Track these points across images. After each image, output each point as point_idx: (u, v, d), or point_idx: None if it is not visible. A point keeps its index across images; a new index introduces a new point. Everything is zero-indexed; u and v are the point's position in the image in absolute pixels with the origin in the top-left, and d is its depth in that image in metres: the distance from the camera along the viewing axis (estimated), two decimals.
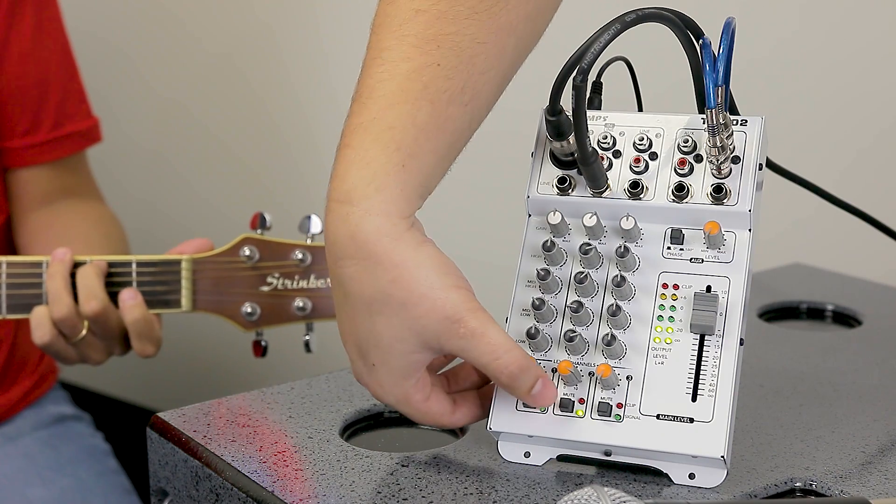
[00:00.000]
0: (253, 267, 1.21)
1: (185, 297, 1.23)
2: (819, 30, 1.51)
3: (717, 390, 0.79)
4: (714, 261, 0.82)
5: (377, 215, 0.76)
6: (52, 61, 1.47)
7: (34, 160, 1.45)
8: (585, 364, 0.82)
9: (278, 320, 1.22)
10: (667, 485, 0.81)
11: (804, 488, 0.82)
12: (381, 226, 0.76)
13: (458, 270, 0.79)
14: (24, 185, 1.46)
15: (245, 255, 1.21)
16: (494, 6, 0.80)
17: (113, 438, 1.55)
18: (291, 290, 1.22)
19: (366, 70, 0.80)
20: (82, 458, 1.45)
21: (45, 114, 1.45)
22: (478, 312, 0.78)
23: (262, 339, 1.24)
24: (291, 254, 1.21)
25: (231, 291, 1.23)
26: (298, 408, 0.95)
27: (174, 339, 2.12)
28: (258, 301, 1.22)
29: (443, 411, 0.83)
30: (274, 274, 1.22)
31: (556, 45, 0.89)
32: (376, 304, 0.77)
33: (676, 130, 0.84)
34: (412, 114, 0.78)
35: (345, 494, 0.81)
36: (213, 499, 0.86)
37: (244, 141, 1.99)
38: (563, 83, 0.79)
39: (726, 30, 0.80)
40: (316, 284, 1.21)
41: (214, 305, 1.23)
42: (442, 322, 0.77)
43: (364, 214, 0.76)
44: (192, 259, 1.22)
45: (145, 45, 2.06)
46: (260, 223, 1.23)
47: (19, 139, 1.44)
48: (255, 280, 1.22)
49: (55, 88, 1.47)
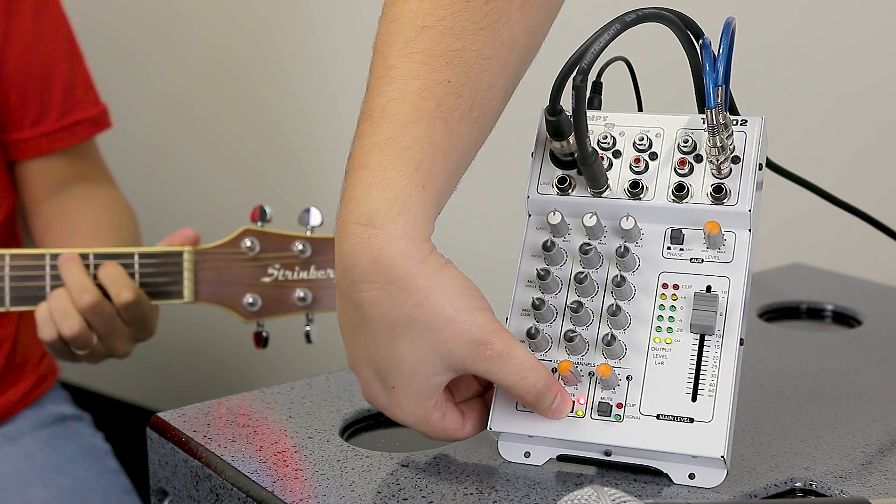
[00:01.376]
0: (254, 258, 1.22)
1: (187, 287, 1.24)
2: (819, 30, 1.51)
3: (717, 390, 0.79)
4: (714, 261, 0.82)
5: (401, 238, 0.76)
6: (56, 50, 1.47)
7: (44, 150, 1.45)
8: (585, 364, 0.82)
9: (279, 311, 1.23)
10: (667, 485, 0.81)
11: (804, 488, 0.82)
12: (405, 249, 0.76)
13: (479, 291, 0.79)
14: (36, 176, 1.46)
15: (246, 246, 1.22)
16: (497, 21, 0.80)
17: (113, 438, 1.55)
18: (292, 281, 1.22)
19: (373, 89, 0.79)
20: (82, 458, 1.45)
21: (52, 103, 1.46)
22: (502, 333, 0.78)
23: (263, 330, 1.25)
24: (292, 245, 1.22)
25: (232, 282, 1.23)
26: (298, 408, 0.95)
27: (174, 339, 2.12)
28: (259, 292, 1.23)
29: (456, 426, 0.83)
30: (275, 265, 1.23)
31: (556, 45, 0.89)
32: (400, 327, 0.76)
33: (676, 130, 0.84)
34: (428, 133, 0.77)
35: (345, 494, 0.81)
36: (213, 499, 0.86)
37: (244, 135, 2.00)
38: (563, 83, 0.79)
39: (726, 30, 0.80)
40: (316, 275, 1.22)
41: (216, 296, 1.24)
42: (469, 345, 0.77)
43: (388, 238, 0.76)
44: (193, 251, 1.24)
45: (145, 39, 2.06)
46: (260, 216, 1.24)
47: (28, 130, 1.44)
48: (256, 271, 1.23)
49: (60, 77, 1.47)
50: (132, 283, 1.22)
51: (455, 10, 0.79)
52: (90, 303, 1.20)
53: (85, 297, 1.20)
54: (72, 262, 1.22)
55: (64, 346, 1.24)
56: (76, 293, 1.21)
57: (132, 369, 2.18)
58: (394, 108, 0.78)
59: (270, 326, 1.26)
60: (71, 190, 1.46)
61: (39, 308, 1.24)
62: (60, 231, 1.42)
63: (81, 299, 1.20)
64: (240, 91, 1.98)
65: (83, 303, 1.20)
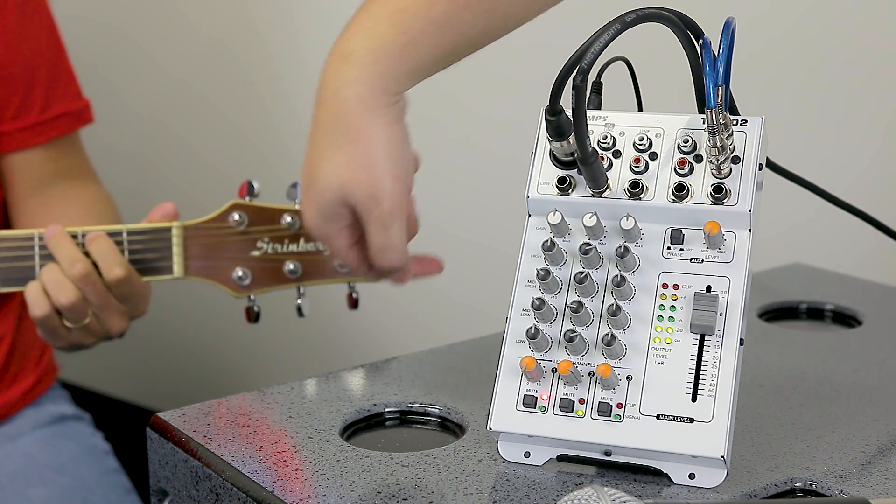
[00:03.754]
0: (243, 232, 1.22)
1: (176, 263, 1.24)
2: (819, 29, 1.51)
3: (717, 390, 0.79)
4: (714, 261, 0.82)
5: (363, 84, 0.85)
6: (40, 44, 1.46)
7: (25, 143, 1.45)
8: (585, 364, 0.82)
9: (269, 284, 1.23)
10: (667, 485, 0.81)
11: (804, 488, 0.82)
12: (361, 93, 0.85)
13: (409, 163, 0.89)
14: (19, 171, 1.46)
15: (234, 220, 1.22)
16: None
17: (113, 438, 1.55)
18: (282, 254, 1.22)
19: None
20: (82, 458, 1.45)
21: (35, 96, 1.45)
22: (396, 201, 0.88)
23: (254, 304, 1.24)
24: (280, 218, 1.22)
25: (222, 257, 1.23)
26: (298, 408, 0.95)
27: (175, 339, 2.12)
28: (249, 266, 1.22)
29: (359, 262, 0.93)
30: (264, 238, 1.22)
31: (556, 45, 0.89)
32: (329, 151, 0.87)
33: (676, 130, 0.84)
34: (428, 5, 0.84)
35: (345, 494, 0.81)
36: (213, 499, 0.86)
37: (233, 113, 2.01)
38: (563, 83, 0.79)
39: (726, 30, 0.80)
40: (306, 248, 1.22)
41: (206, 271, 1.24)
42: (367, 197, 0.87)
43: (352, 78, 0.85)
44: (182, 226, 1.23)
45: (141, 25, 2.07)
46: (248, 191, 1.23)
47: (10, 123, 1.44)
48: (245, 245, 1.22)
49: (43, 71, 1.46)
50: (122, 258, 1.22)
51: None
52: (82, 272, 1.20)
53: (77, 266, 1.20)
54: (59, 235, 1.22)
55: (58, 322, 1.24)
56: (67, 265, 1.20)
57: (132, 369, 2.18)
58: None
59: (266, 320, 1.26)
60: (55, 187, 1.46)
61: (29, 286, 1.23)
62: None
63: (73, 269, 1.20)
64: (231, 71, 1.99)
65: (75, 272, 1.20)
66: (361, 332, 1.91)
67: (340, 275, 1.21)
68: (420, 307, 1.81)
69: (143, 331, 1.42)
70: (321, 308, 1.30)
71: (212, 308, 1.98)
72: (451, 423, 0.93)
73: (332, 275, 1.22)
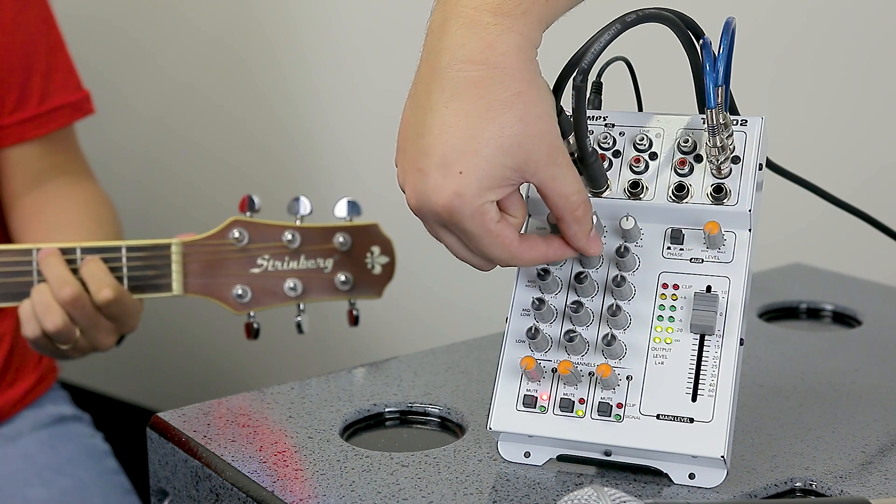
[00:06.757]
0: (242, 249, 1.22)
1: (175, 280, 1.23)
2: (819, 29, 1.51)
3: (717, 390, 0.79)
4: (714, 261, 0.82)
5: (520, 34, 0.79)
6: (37, 36, 1.46)
7: (23, 136, 1.44)
8: (585, 364, 0.82)
9: (269, 302, 1.23)
10: (667, 485, 0.81)
11: (804, 488, 0.82)
12: (521, 43, 0.79)
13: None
14: (15, 165, 1.45)
15: (234, 237, 1.21)
16: None
17: (113, 438, 1.55)
18: (282, 272, 1.22)
19: None
20: (82, 459, 1.45)
21: (32, 89, 1.45)
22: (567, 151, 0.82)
23: (255, 321, 1.24)
24: (281, 235, 1.21)
25: (221, 274, 1.23)
26: (298, 408, 0.95)
27: (174, 338, 2.12)
28: (249, 283, 1.22)
29: (513, 237, 0.82)
30: (264, 255, 1.22)
31: (556, 45, 0.89)
32: (493, 110, 0.78)
33: (676, 130, 0.84)
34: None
35: (345, 494, 0.81)
36: (213, 499, 0.86)
37: (235, 127, 2.00)
38: (563, 83, 0.79)
39: (726, 30, 0.80)
40: (306, 265, 1.22)
41: (205, 289, 1.23)
42: (548, 147, 0.79)
43: (508, 30, 0.79)
44: (181, 243, 1.23)
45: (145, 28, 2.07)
46: (249, 206, 1.23)
47: (8, 116, 1.43)
48: (245, 262, 1.22)
49: (40, 63, 1.46)
50: (113, 280, 1.21)
51: None
52: (70, 296, 1.20)
53: (65, 290, 1.20)
54: (51, 256, 1.22)
55: (48, 342, 1.24)
56: (56, 287, 1.20)
57: (132, 369, 2.18)
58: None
59: (266, 320, 1.26)
60: (50, 184, 1.46)
61: (23, 305, 1.23)
62: (40, 226, 1.40)
63: (62, 292, 1.20)
64: (234, 83, 1.98)
65: (63, 296, 1.20)
66: (361, 331, 1.91)
67: (341, 292, 1.21)
68: (420, 307, 1.81)
69: (143, 331, 1.42)
70: (321, 308, 1.30)
71: (212, 308, 1.98)
72: (451, 423, 0.93)
73: (332, 292, 1.21)
